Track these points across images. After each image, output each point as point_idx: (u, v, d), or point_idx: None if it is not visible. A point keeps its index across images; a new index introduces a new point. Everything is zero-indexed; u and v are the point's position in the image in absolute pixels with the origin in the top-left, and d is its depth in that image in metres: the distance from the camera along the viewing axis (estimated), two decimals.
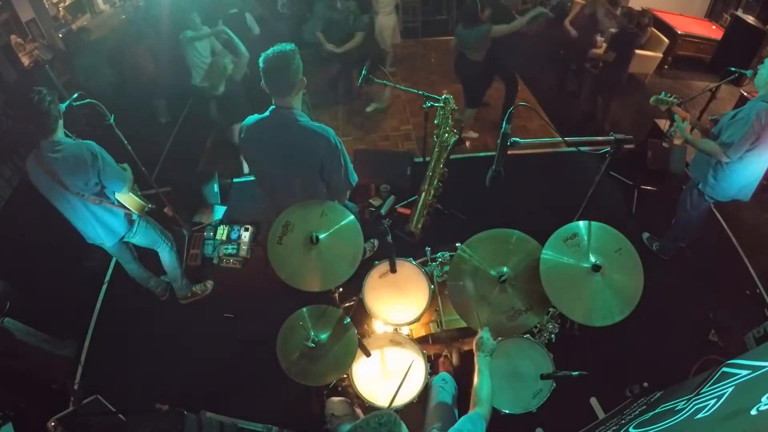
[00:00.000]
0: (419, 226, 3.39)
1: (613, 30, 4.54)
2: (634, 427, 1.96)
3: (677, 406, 1.75)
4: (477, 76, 4.30)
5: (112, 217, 2.64)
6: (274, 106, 2.02)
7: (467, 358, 2.44)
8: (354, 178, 2.24)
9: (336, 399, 2.10)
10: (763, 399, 1.19)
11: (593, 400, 2.73)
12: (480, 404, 1.60)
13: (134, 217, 2.77)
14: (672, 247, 3.45)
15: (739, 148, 2.57)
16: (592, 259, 1.84)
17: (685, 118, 2.83)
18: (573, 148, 2.06)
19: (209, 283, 3.47)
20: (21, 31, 5.22)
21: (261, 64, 1.89)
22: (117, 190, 2.55)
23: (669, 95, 2.95)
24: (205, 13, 4.45)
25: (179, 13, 4.49)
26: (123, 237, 2.77)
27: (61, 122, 2.29)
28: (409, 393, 2.04)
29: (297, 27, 5.75)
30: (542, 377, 1.97)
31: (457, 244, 2.10)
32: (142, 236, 2.88)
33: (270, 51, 1.88)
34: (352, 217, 2.00)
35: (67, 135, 2.39)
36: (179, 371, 2.94)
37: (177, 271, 3.20)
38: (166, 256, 3.10)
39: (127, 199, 2.67)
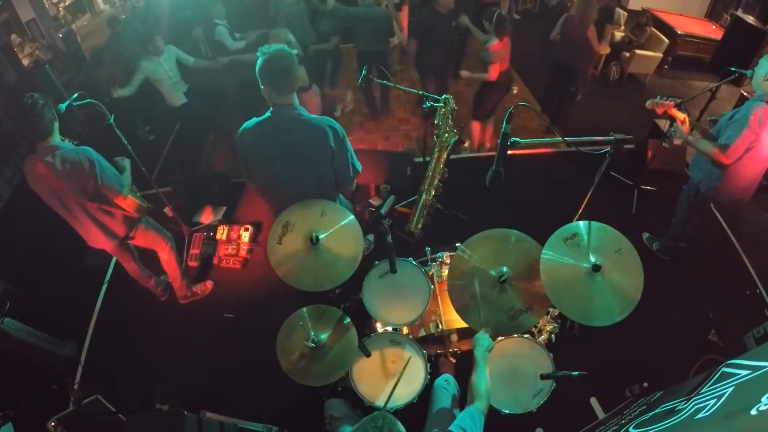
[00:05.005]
0: (419, 226, 3.39)
1: None
2: (634, 427, 1.96)
3: (677, 406, 1.75)
4: None
5: (110, 220, 2.63)
6: (272, 108, 2.00)
7: (467, 358, 2.44)
8: (359, 165, 2.24)
9: (335, 400, 2.10)
10: (763, 399, 1.19)
11: (593, 400, 2.73)
12: (479, 398, 1.62)
13: (133, 219, 2.76)
14: (672, 247, 3.45)
15: (738, 148, 2.56)
16: (592, 259, 1.84)
17: (684, 121, 2.82)
18: (573, 148, 2.06)
19: (209, 283, 3.48)
20: (21, 31, 5.21)
21: (260, 65, 1.88)
22: (114, 195, 2.54)
23: (665, 97, 2.92)
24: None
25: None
26: (122, 239, 2.76)
27: (56, 126, 2.28)
28: (409, 393, 2.04)
29: None
30: (542, 377, 1.97)
31: (457, 244, 2.10)
32: (142, 237, 2.88)
33: (268, 51, 1.87)
34: (352, 217, 2.00)
35: (65, 140, 2.38)
36: (179, 371, 2.94)
37: (177, 271, 3.20)
38: (166, 256, 3.10)
39: (126, 201, 2.66)
